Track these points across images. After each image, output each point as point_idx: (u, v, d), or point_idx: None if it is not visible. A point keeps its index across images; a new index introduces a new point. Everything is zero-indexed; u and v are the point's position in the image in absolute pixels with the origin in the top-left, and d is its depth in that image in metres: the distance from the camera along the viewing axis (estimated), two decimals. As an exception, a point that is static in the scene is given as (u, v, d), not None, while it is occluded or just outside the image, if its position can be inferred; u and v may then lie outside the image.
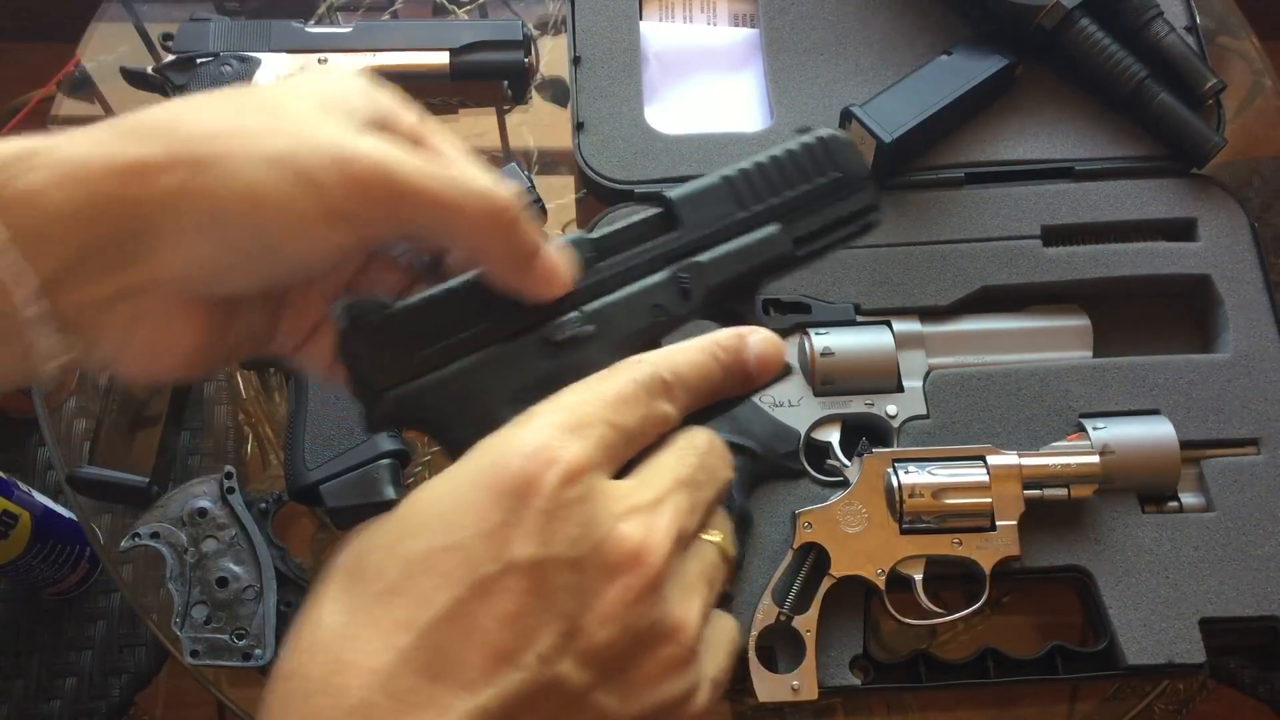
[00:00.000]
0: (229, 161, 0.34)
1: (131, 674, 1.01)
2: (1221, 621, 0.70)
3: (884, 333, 0.77)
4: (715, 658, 0.37)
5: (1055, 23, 0.81)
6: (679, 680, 0.35)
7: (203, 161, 0.34)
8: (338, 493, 0.73)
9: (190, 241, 0.35)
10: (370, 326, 0.38)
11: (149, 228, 0.34)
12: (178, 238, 0.35)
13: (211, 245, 0.35)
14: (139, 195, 0.34)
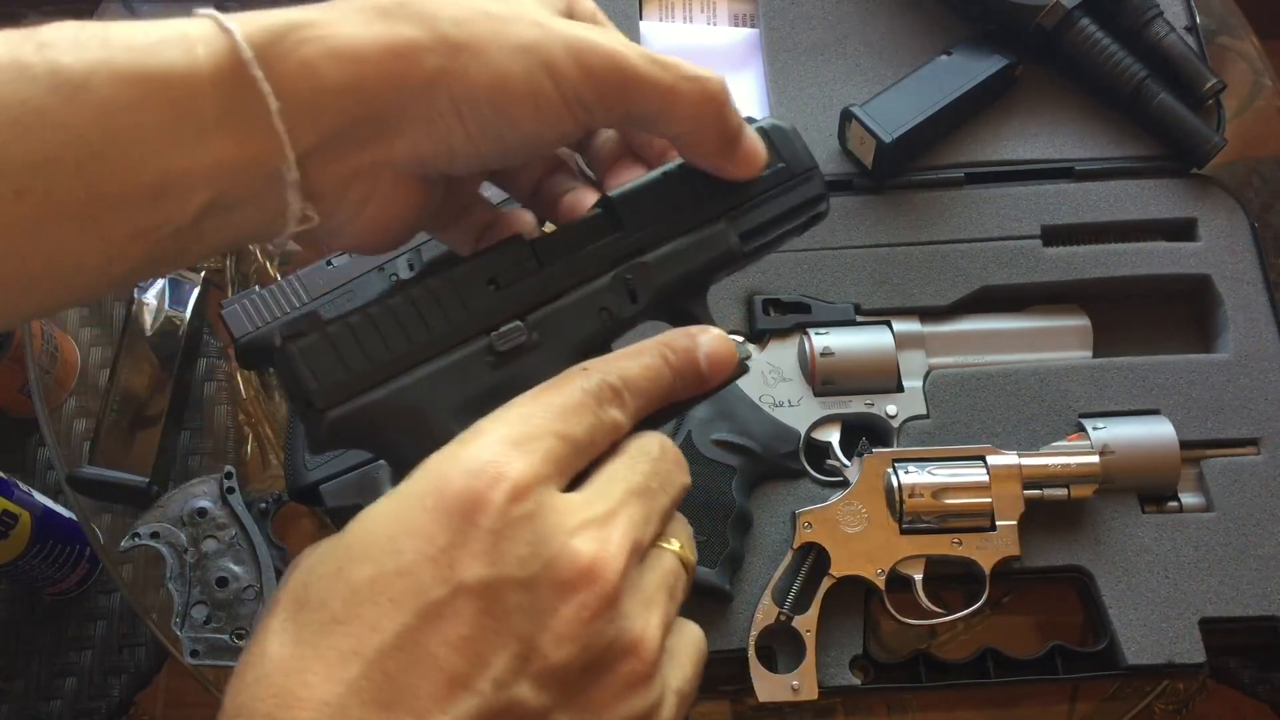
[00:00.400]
0: (483, 47, 0.36)
1: (131, 674, 1.01)
2: (1221, 621, 0.70)
3: (884, 333, 0.77)
4: (680, 669, 0.36)
5: (1055, 23, 0.81)
6: (642, 696, 0.34)
7: (460, 45, 0.36)
8: (338, 493, 0.73)
9: (444, 123, 0.37)
10: (307, 345, 0.37)
11: (408, 107, 0.36)
12: (431, 119, 0.37)
13: (461, 127, 0.37)
14: (404, 75, 0.36)
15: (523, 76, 0.36)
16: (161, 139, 0.34)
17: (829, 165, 0.84)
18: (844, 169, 0.83)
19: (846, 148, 0.83)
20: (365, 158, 0.37)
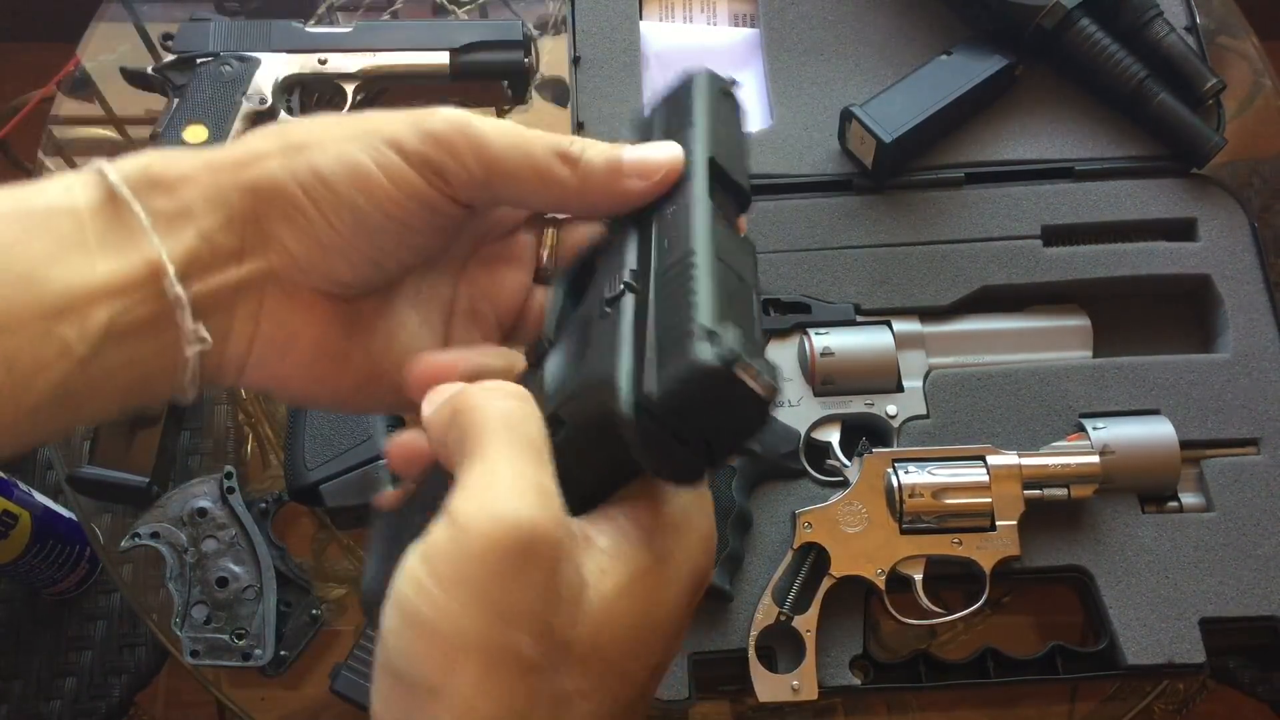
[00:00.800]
0: (324, 140, 0.39)
1: (131, 674, 1.01)
2: (1221, 621, 0.70)
3: (884, 333, 0.77)
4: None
5: (1055, 23, 0.81)
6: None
7: (302, 144, 0.39)
8: (338, 493, 0.73)
9: (303, 219, 0.38)
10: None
11: (266, 209, 0.38)
12: (290, 216, 0.38)
13: (322, 218, 0.38)
14: (254, 179, 0.38)
15: (365, 152, 0.38)
16: (51, 264, 0.35)
17: (829, 165, 0.84)
18: (844, 169, 0.83)
19: (846, 148, 0.83)
20: (242, 269, 0.38)
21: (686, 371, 0.30)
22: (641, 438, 0.31)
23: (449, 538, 0.31)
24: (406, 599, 0.31)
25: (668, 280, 0.34)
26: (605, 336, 0.35)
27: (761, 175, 0.83)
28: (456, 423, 0.34)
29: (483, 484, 0.31)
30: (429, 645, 0.30)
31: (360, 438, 0.74)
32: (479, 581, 0.30)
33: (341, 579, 0.79)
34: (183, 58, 0.88)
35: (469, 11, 1.01)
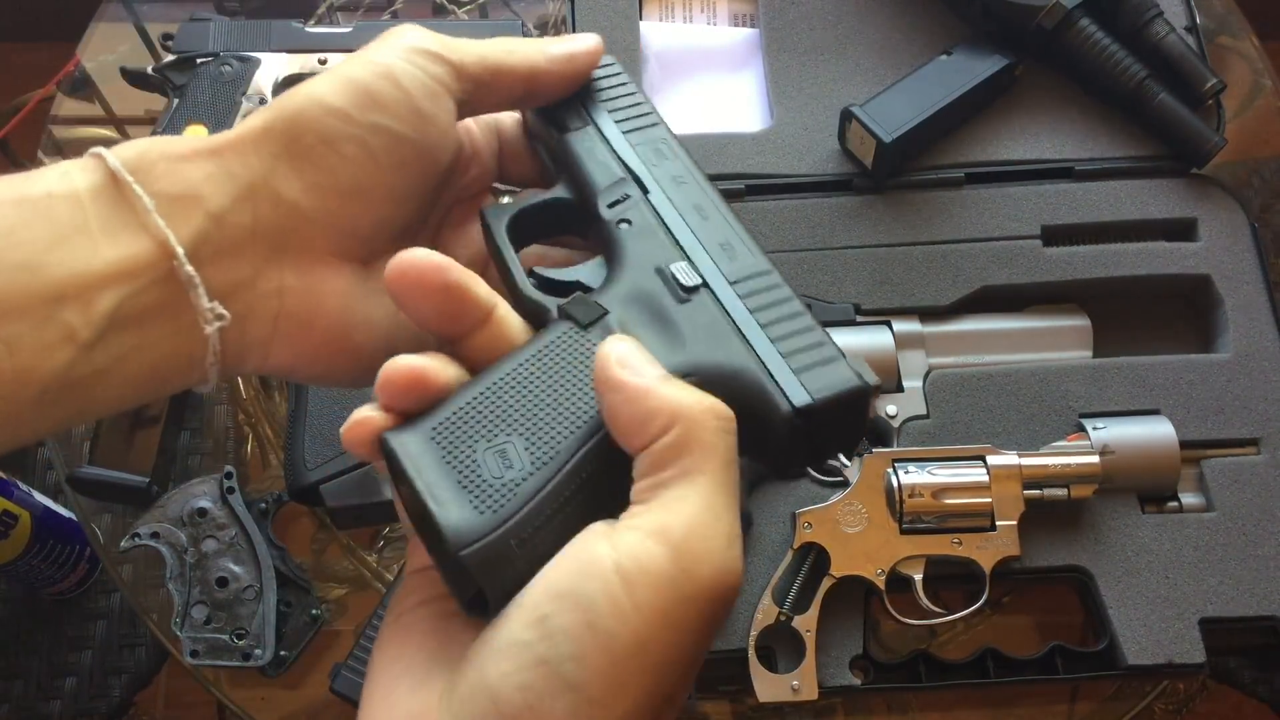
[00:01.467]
0: (319, 82, 0.39)
1: (131, 674, 1.01)
2: (1221, 621, 0.70)
3: (884, 333, 0.77)
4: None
5: (1055, 23, 0.81)
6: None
7: (297, 92, 0.39)
8: (338, 493, 0.73)
9: (313, 169, 0.38)
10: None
11: (277, 167, 0.38)
12: (299, 173, 0.38)
13: (333, 159, 0.39)
14: (255, 141, 0.38)
15: (365, 71, 0.39)
16: (51, 250, 0.35)
17: (829, 165, 0.84)
18: (844, 169, 0.83)
19: (846, 148, 0.83)
20: (258, 246, 0.38)
21: (846, 391, 0.37)
22: (788, 434, 0.37)
23: (661, 570, 0.31)
24: (600, 614, 0.31)
25: (752, 292, 0.40)
26: (701, 323, 0.39)
27: (761, 175, 0.83)
28: (682, 431, 0.33)
29: (704, 523, 0.32)
30: (609, 663, 0.30)
31: (360, 438, 0.73)
32: (681, 623, 0.31)
33: (341, 579, 0.79)
34: (183, 58, 0.88)
35: (469, 11, 1.01)
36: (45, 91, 1.02)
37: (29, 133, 1.03)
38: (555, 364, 0.37)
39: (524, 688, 0.31)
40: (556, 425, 0.36)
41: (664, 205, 0.42)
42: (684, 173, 0.43)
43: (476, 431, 0.36)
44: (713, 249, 0.41)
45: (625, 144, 0.44)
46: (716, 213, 0.42)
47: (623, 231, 0.41)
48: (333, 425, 0.74)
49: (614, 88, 0.46)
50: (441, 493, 0.34)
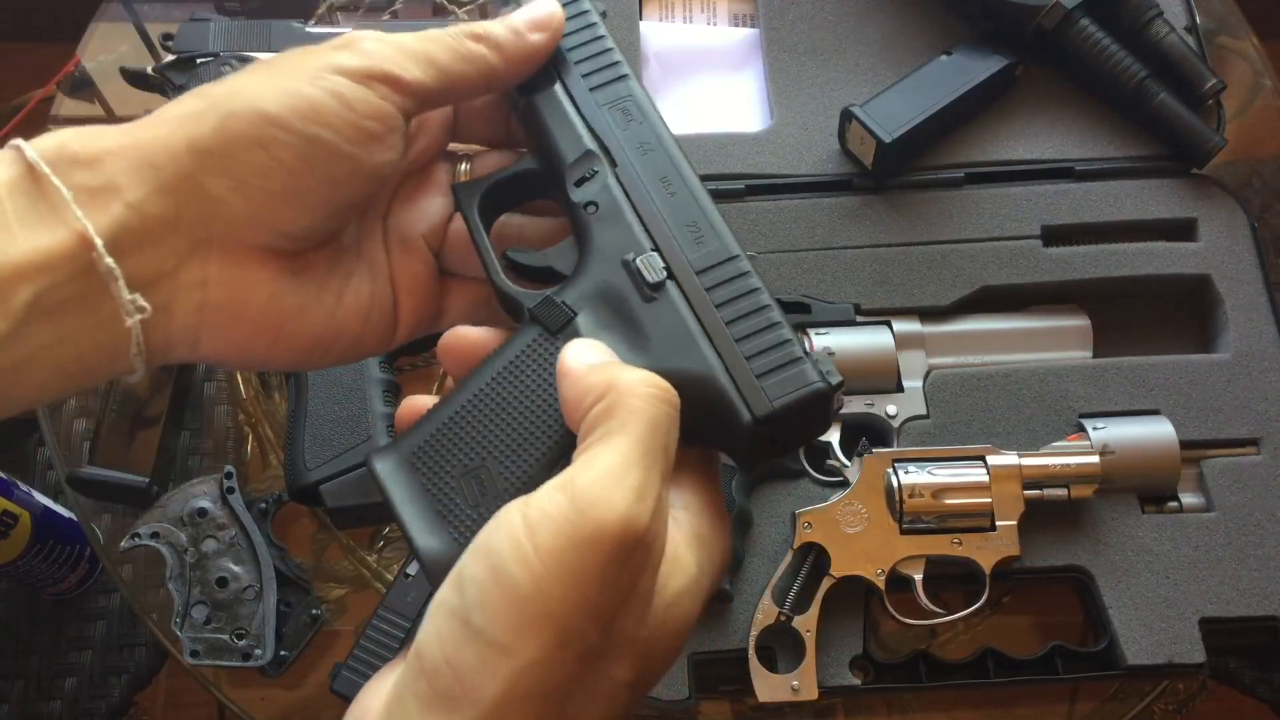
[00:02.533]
0: (262, 89, 0.39)
1: (131, 674, 1.01)
2: (1221, 621, 0.70)
3: (884, 333, 0.77)
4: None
5: (1055, 23, 0.81)
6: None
7: (236, 93, 0.38)
8: (338, 493, 0.73)
9: (246, 172, 0.38)
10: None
11: (201, 171, 0.37)
12: (230, 173, 0.38)
13: (271, 166, 0.38)
14: (186, 139, 0.37)
15: (311, 84, 0.39)
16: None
17: (829, 165, 0.84)
18: (844, 169, 0.83)
19: (846, 148, 0.83)
20: (180, 237, 0.38)
21: (806, 395, 0.37)
22: (749, 439, 0.37)
23: (562, 514, 0.31)
24: (503, 559, 0.31)
25: (718, 282, 0.39)
26: (666, 325, 0.39)
27: (761, 175, 0.83)
28: (611, 398, 0.34)
29: (610, 473, 0.32)
30: (510, 607, 0.31)
31: (360, 438, 0.74)
32: (578, 566, 0.31)
33: (341, 579, 0.79)
34: (183, 58, 0.88)
35: (469, 11, 1.01)
36: (45, 91, 1.02)
37: (29, 133, 1.03)
38: (525, 378, 0.38)
39: (441, 640, 0.32)
40: (529, 443, 0.37)
41: (632, 179, 0.42)
42: (650, 137, 0.43)
43: (452, 455, 0.37)
44: (680, 230, 0.41)
45: (593, 105, 0.44)
46: (682, 185, 0.42)
47: (590, 217, 0.42)
48: (333, 425, 0.74)
49: (580, 33, 0.45)
50: (421, 521, 0.36)
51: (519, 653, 0.31)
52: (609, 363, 0.37)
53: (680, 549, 0.35)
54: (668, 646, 0.34)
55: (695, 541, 0.36)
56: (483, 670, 0.31)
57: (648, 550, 0.32)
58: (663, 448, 0.34)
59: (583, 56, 0.45)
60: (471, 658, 0.31)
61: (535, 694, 0.31)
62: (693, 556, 0.35)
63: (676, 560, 0.35)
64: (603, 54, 0.45)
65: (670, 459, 0.35)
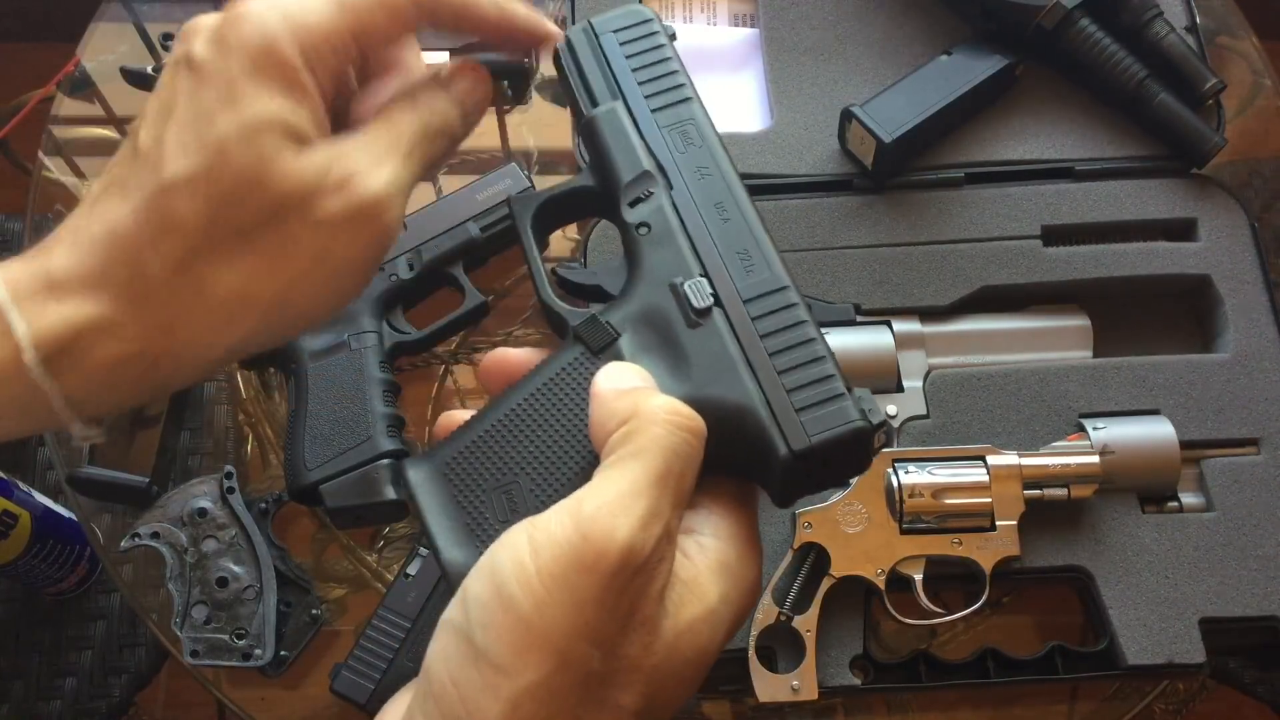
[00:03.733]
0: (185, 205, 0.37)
1: (131, 674, 1.01)
2: (1221, 621, 0.70)
3: (884, 333, 0.77)
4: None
5: (1055, 23, 0.81)
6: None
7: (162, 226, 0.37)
8: (338, 493, 0.73)
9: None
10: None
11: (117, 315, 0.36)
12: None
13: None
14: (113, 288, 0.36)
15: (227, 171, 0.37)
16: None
17: (829, 165, 0.84)
18: (844, 169, 0.83)
19: (846, 148, 0.83)
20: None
21: (846, 432, 0.37)
22: (785, 473, 0.37)
23: (566, 537, 0.32)
24: (506, 579, 0.32)
25: (765, 312, 0.40)
26: (709, 352, 0.38)
27: (761, 175, 0.83)
28: (633, 424, 0.35)
29: (620, 500, 0.32)
30: (513, 630, 0.31)
31: (360, 438, 0.73)
32: (581, 592, 0.31)
33: (341, 579, 0.79)
34: (183, 58, 0.88)
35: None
36: (45, 91, 1.02)
37: (29, 133, 1.03)
38: (563, 396, 0.38)
39: (446, 659, 0.32)
40: (561, 464, 0.37)
41: (686, 204, 0.42)
42: (709, 162, 0.43)
43: (485, 469, 0.37)
44: (730, 259, 0.41)
45: (653, 125, 0.43)
46: (737, 212, 0.42)
47: (642, 237, 0.41)
48: (333, 425, 0.74)
49: (647, 54, 0.45)
50: (449, 534, 0.36)
51: (520, 674, 0.31)
52: (639, 388, 0.36)
53: (702, 576, 0.35)
54: (680, 675, 0.34)
55: (720, 570, 0.36)
56: (485, 691, 0.31)
57: (650, 577, 0.32)
58: (678, 475, 0.34)
59: (648, 77, 0.44)
60: (475, 678, 0.31)
61: (538, 718, 0.31)
62: (715, 586, 0.35)
63: (694, 588, 0.34)
64: (668, 75, 0.45)
65: (685, 488, 0.35)
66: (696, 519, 0.37)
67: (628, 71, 0.44)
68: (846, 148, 0.83)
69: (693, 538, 0.36)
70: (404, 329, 0.80)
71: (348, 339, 0.77)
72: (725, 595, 0.35)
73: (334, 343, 0.77)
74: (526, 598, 0.31)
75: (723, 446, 0.36)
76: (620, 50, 0.45)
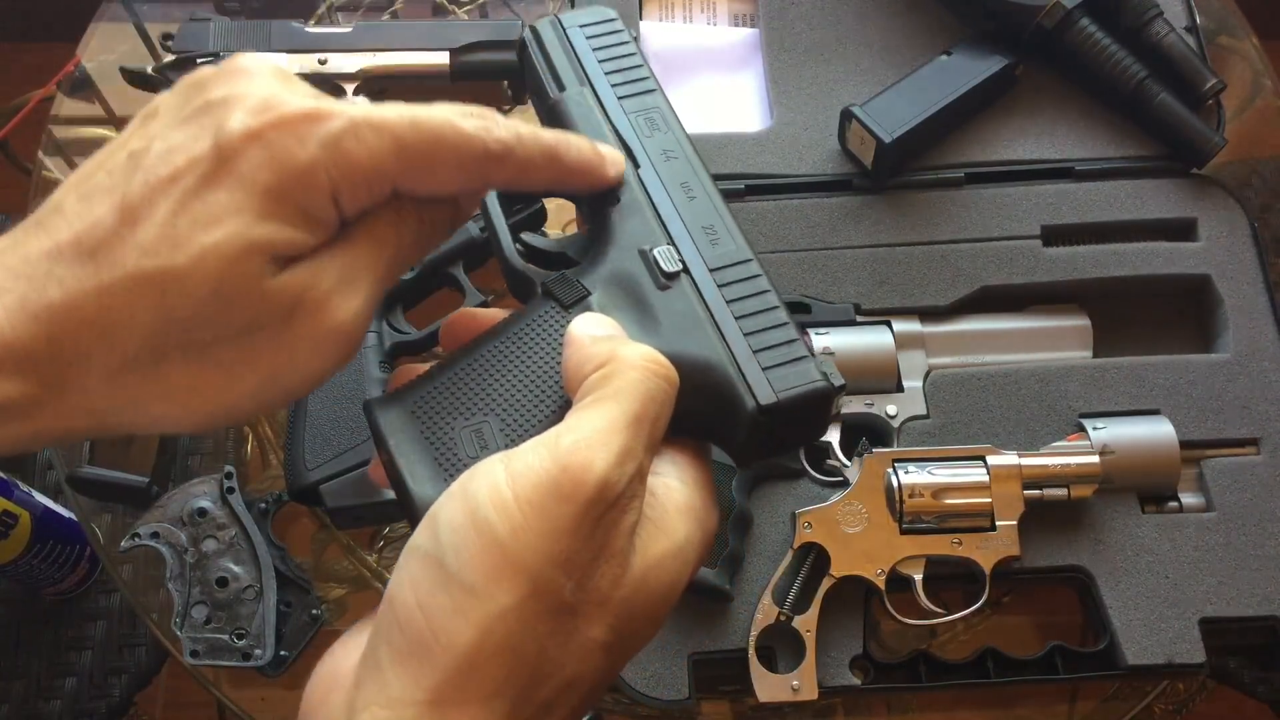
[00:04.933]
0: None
1: (131, 674, 1.01)
2: (1221, 621, 0.70)
3: (884, 333, 0.77)
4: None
5: (1055, 23, 0.81)
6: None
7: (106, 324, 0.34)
8: (338, 493, 0.73)
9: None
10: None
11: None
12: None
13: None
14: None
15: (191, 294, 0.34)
16: None
17: (829, 165, 0.84)
18: (844, 169, 0.83)
19: (846, 148, 0.83)
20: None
21: (810, 390, 0.38)
22: (750, 428, 0.38)
23: (544, 468, 0.32)
24: (482, 504, 0.32)
25: (731, 281, 0.40)
26: (678, 312, 0.40)
27: (761, 175, 0.83)
28: (610, 368, 0.35)
29: (597, 435, 0.33)
30: (487, 552, 0.31)
31: (360, 438, 0.73)
32: (558, 520, 0.32)
33: (341, 579, 0.79)
34: (183, 58, 0.88)
35: (469, 11, 1.01)
36: (45, 91, 1.02)
37: (29, 133, 1.03)
38: (534, 344, 0.39)
39: (414, 584, 0.32)
40: (532, 406, 0.38)
41: (653, 182, 0.43)
42: (674, 146, 0.45)
43: (455, 408, 0.37)
44: (696, 232, 0.42)
45: (620, 111, 0.45)
46: (703, 191, 0.43)
47: (611, 210, 0.42)
48: (333, 425, 0.74)
49: (614, 48, 0.46)
50: (417, 468, 0.36)
51: (492, 598, 0.31)
52: (614, 336, 0.37)
53: (671, 516, 0.36)
54: (648, 611, 0.34)
55: (689, 513, 0.36)
56: (455, 615, 0.31)
57: (623, 511, 0.33)
58: (652, 419, 0.35)
59: (614, 68, 0.46)
60: (445, 601, 0.31)
61: (506, 645, 0.31)
62: (682, 525, 0.36)
63: (664, 526, 0.35)
64: (633, 69, 0.46)
65: (658, 432, 0.35)
66: (663, 465, 0.37)
67: (595, 62, 0.46)
68: (846, 148, 0.83)
69: (660, 479, 0.37)
70: (404, 329, 0.80)
71: (348, 339, 0.77)
72: (690, 536, 0.36)
73: (334, 343, 0.77)
74: (503, 522, 0.31)
75: (691, 401, 0.37)
76: (587, 44, 0.46)
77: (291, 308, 0.35)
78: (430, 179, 0.37)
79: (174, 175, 0.34)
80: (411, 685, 0.31)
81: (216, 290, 0.33)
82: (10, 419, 0.33)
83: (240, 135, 0.33)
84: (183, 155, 0.34)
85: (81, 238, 0.33)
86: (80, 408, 0.34)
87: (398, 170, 0.36)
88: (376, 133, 0.35)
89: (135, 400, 0.35)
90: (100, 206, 0.34)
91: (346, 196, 0.35)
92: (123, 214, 0.33)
